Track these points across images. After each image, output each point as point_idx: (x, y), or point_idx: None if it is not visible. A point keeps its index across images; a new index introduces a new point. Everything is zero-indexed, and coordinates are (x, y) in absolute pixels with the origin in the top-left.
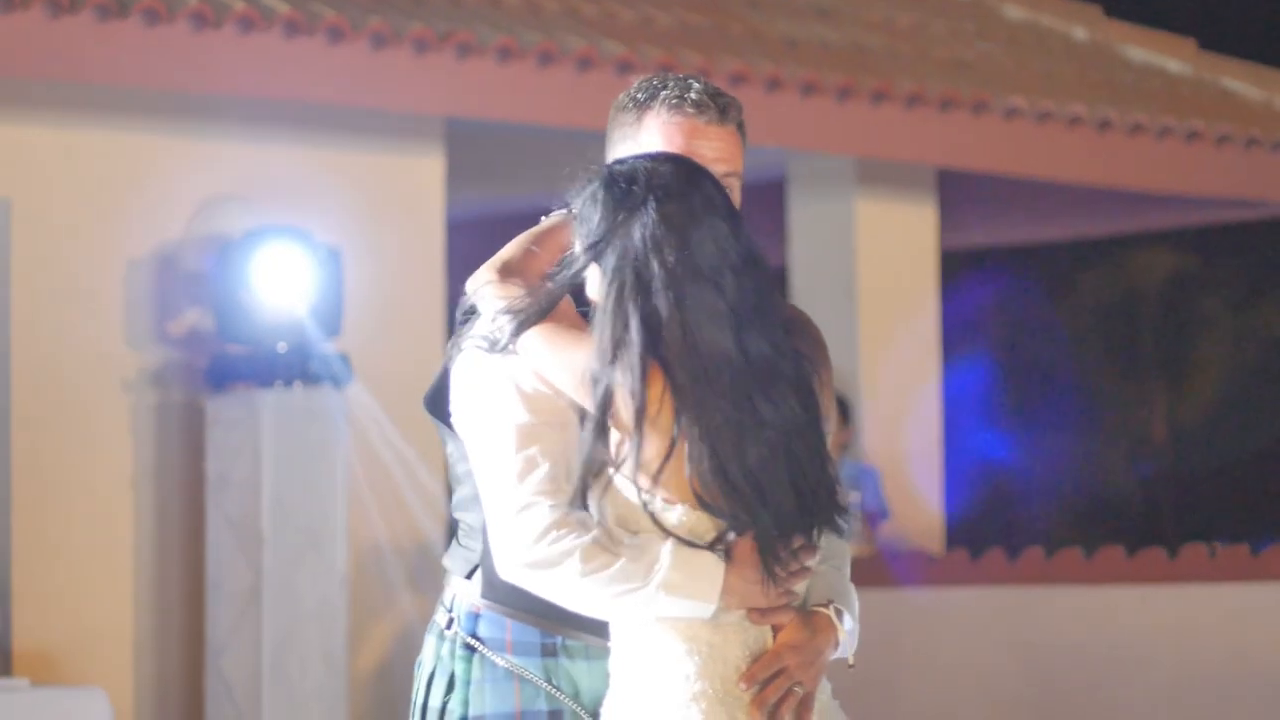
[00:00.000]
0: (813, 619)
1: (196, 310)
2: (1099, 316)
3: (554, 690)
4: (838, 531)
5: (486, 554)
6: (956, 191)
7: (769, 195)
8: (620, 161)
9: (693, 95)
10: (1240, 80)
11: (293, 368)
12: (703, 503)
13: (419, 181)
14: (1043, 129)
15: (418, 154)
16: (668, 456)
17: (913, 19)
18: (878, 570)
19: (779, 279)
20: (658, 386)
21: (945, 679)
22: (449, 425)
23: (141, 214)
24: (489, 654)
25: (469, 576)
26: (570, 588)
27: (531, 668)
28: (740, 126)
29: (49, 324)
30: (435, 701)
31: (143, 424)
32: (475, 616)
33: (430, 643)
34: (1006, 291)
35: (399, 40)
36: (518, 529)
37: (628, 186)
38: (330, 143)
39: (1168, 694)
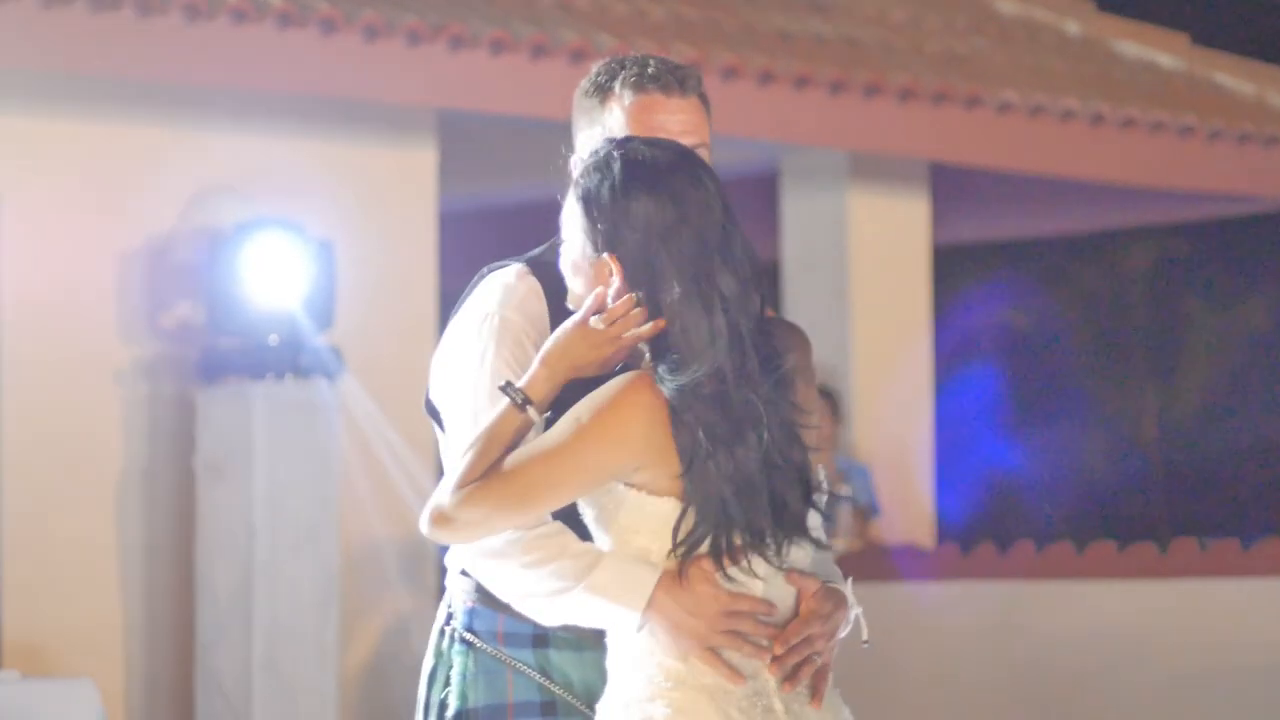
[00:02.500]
0: (833, 593)
1: (188, 303)
2: (1090, 311)
3: (547, 681)
4: (808, 538)
5: None
6: (949, 186)
7: (761, 189)
8: (622, 144)
9: (651, 71)
10: (1233, 75)
11: (284, 360)
12: (687, 501)
13: (411, 174)
14: (1035, 123)
15: (410, 146)
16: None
17: (906, 13)
18: (869, 564)
19: (768, 275)
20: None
21: (936, 673)
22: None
23: (133, 206)
24: (483, 646)
25: (464, 572)
26: (510, 578)
27: (524, 659)
28: (702, 97)
29: (40, 317)
30: (435, 697)
31: (134, 417)
32: (471, 611)
33: (432, 639)
34: (998, 286)
35: (392, 32)
36: None
37: (634, 175)
38: (323, 135)
39: (1158, 688)
